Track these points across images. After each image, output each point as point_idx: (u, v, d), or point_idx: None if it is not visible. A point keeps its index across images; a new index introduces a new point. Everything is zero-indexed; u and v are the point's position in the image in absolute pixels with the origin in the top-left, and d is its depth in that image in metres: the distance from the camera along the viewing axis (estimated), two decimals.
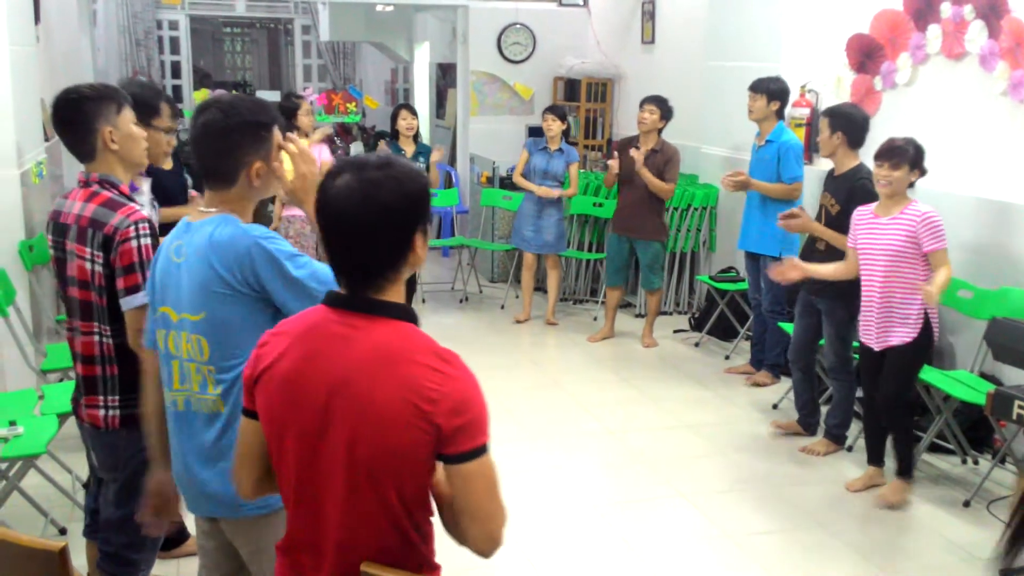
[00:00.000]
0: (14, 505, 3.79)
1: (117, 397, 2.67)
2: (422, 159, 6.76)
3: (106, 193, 2.62)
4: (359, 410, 1.67)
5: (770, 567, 3.76)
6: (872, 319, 4.16)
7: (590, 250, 7.50)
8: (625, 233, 6.47)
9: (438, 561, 1.83)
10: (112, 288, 2.59)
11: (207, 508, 2.29)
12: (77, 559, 3.27)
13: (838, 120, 4.61)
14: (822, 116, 4.73)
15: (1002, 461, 4.47)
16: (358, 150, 10.19)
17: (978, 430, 4.76)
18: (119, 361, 2.66)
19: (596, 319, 7.11)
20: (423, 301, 7.62)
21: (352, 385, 1.68)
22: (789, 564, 3.79)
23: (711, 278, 6.70)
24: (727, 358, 6.36)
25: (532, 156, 6.86)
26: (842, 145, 4.61)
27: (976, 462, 4.72)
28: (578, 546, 3.92)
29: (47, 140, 5.86)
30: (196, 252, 2.18)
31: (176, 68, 13.53)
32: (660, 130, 6.30)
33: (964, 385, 4.45)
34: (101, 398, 2.67)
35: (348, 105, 9.92)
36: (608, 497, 4.36)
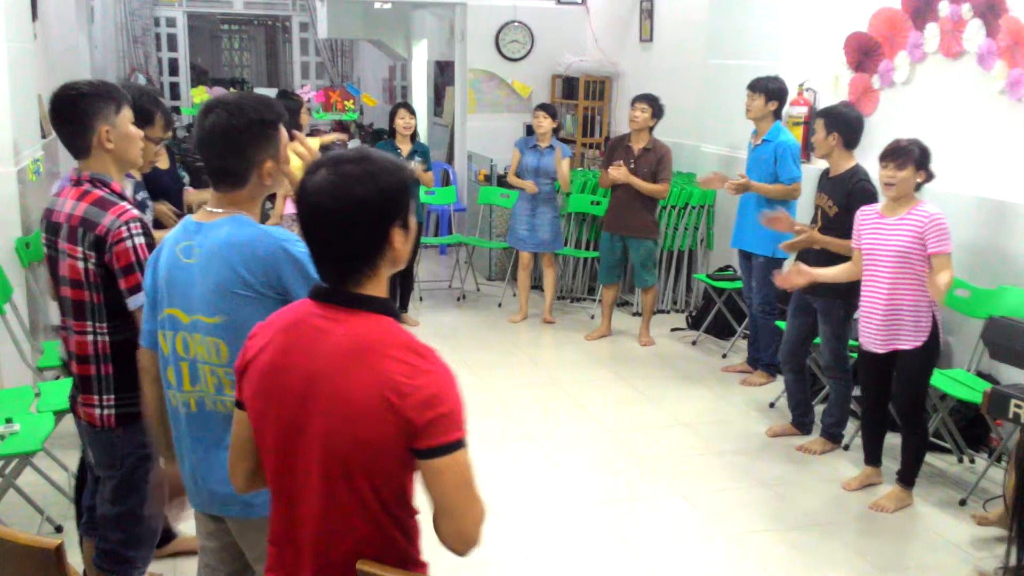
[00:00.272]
0: (10, 502, 3.79)
1: (113, 396, 2.66)
2: (419, 158, 6.75)
3: (97, 192, 2.61)
4: (333, 403, 1.67)
5: (767, 565, 3.76)
6: (876, 322, 4.10)
7: (587, 248, 7.50)
8: (617, 231, 6.47)
9: (426, 559, 1.83)
10: (108, 285, 2.58)
11: (217, 507, 2.26)
12: (73, 556, 3.27)
13: (833, 121, 4.58)
14: (817, 117, 4.72)
15: (998, 460, 4.47)
16: None
17: (975, 429, 4.76)
18: (115, 359, 2.65)
19: (593, 317, 7.11)
20: (420, 299, 7.62)
21: (326, 378, 1.68)
22: (786, 562, 3.80)
23: (708, 277, 6.71)
24: (724, 356, 6.36)
25: (524, 154, 6.86)
26: (838, 146, 4.58)
27: (972, 461, 4.73)
28: (575, 544, 3.92)
29: (44, 137, 5.84)
30: (212, 253, 2.13)
31: (174, 65, 13.53)
32: (651, 128, 6.30)
33: (961, 384, 4.46)
34: (96, 397, 2.67)
35: (346, 103, 9.91)
36: (605, 495, 4.36)
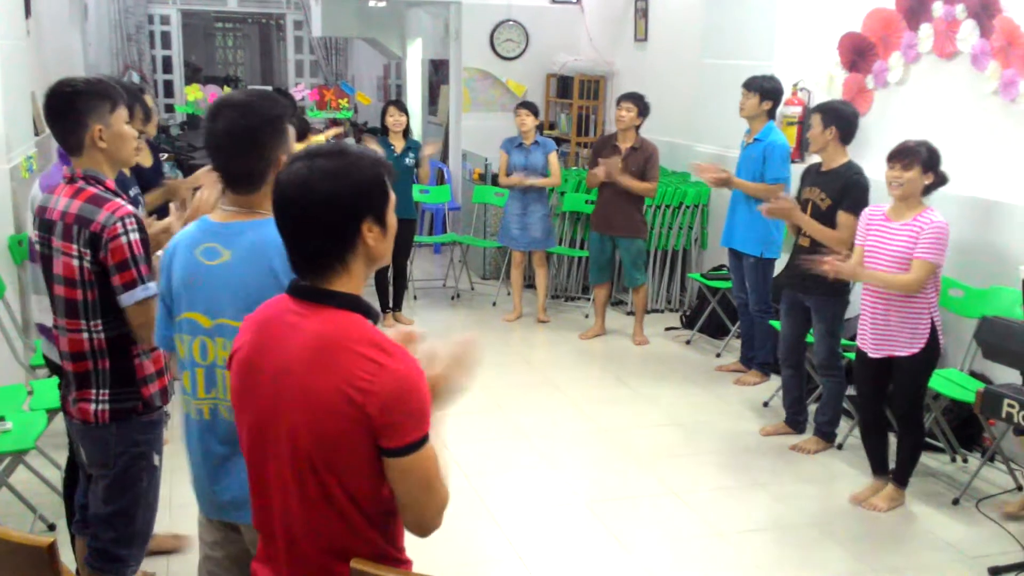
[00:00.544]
0: (2, 501, 3.78)
1: (108, 391, 2.66)
2: (412, 155, 6.74)
3: (91, 189, 2.60)
4: (298, 398, 1.67)
5: (760, 564, 3.77)
6: (872, 324, 4.10)
7: (582, 247, 7.50)
8: (606, 231, 6.47)
9: (412, 556, 1.83)
10: (103, 283, 2.57)
11: (233, 514, 2.22)
12: (65, 554, 3.26)
13: (830, 115, 4.62)
14: (813, 112, 4.73)
15: (991, 459, 4.49)
16: None
17: (968, 428, 4.78)
18: (111, 355, 2.65)
19: (587, 316, 7.11)
20: (415, 298, 7.62)
21: (292, 373, 1.68)
22: (779, 562, 3.80)
23: (702, 276, 6.71)
24: (718, 356, 6.37)
25: (510, 155, 6.85)
26: (834, 140, 4.61)
27: (965, 460, 4.74)
28: (569, 544, 3.92)
29: (37, 135, 5.83)
30: (244, 255, 2.08)
31: (167, 63, 13.50)
32: (638, 127, 6.30)
33: (954, 383, 4.47)
34: (94, 391, 2.66)
35: (340, 101, 9.91)
36: (600, 495, 4.36)
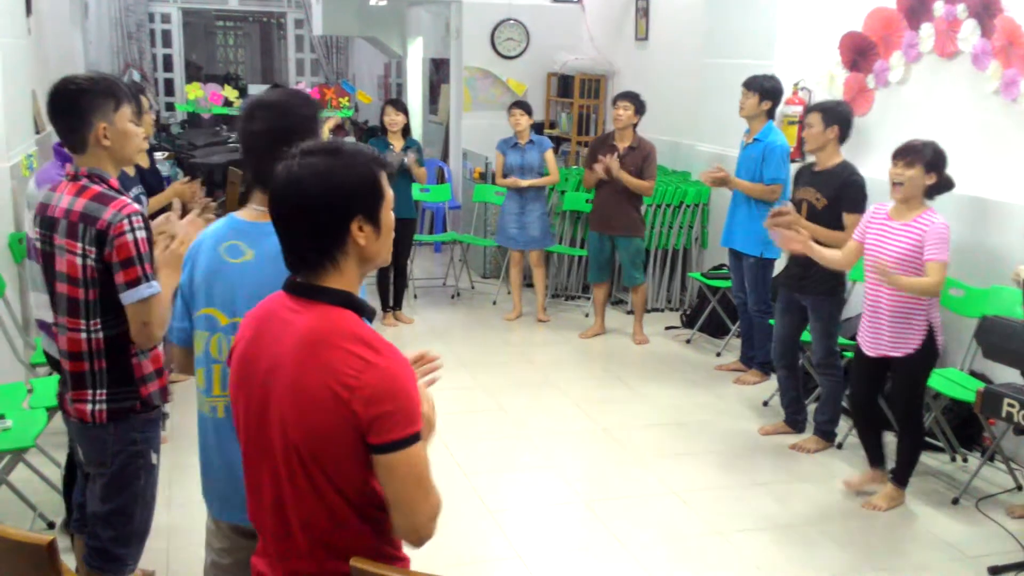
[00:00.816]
0: (2, 499, 3.78)
1: (105, 391, 2.65)
2: (411, 153, 6.73)
3: (96, 187, 2.59)
4: (287, 394, 1.68)
5: (760, 564, 3.76)
6: (872, 322, 4.11)
7: (582, 246, 7.49)
8: (604, 231, 6.47)
9: (420, 557, 1.82)
10: (105, 281, 2.57)
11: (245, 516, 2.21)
12: (65, 553, 3.26)
13: (832, 115, 4.63)
14: (812, 111, 4.73)
15: (991, 459, 4.49)
16: None
17: (968, 428, 4.77)
18: (108, 355, 2.64)
19: (588, 315, 7.11)
20: (415, 297, 7.62)
21: (281, 369, 1.69)
22: (779, 561, 3.80)
23: (703, 275, 6.71)
24: (718, 355, 6.37)
25: (506, 155, 6.85)
26: (834, 140, 4.63)
27: (965, 459, 4.74)
28: (569, 543, 3.93)
29: (38, 133, 5.83)
30: (267, 257, 2.06)
31: (168, 61, 13.50)
32: (635, 125, 6.30)
33: (954, 383, 4.46)
34: (90, 392, 2.65)
35: (341, 100, 9.89)
36: (599, 494, 4.36)
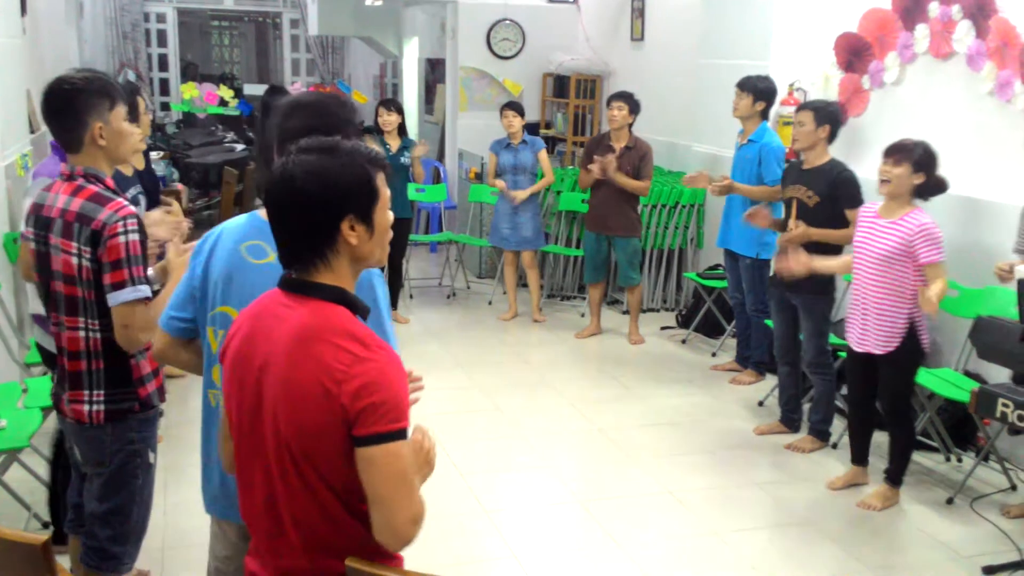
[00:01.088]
0: None
1: (103, 392, 2.65)
2: (407, 154, 6.74)
3: (92, 187, 2.58)
4: (280, 389, 1.68)
5: (756, 564, 3.77)
6: (858, 320, 4.16)
7: (577, 247, 7.49)
8: (601, 231, 6.47)
9: (416, 557, 1.82)
10: (100, 281, 2.56)
11: None
12: (60, 553, 3.25)
13: (824, 114, 4.68)
14: (804, 110, 4.75)
15: (986, 459, 4.50)
16: None
17: (962, 428, 4.79)
18: (105, 355, 2.64)
19: (583, 315, 7.11)
20: (411, 297, 7.61)
21: (273, 365, 1.70)
22: (775, 561, 3.81)
23: (698, 275, 6.72)
24: (714, 355, 6.38)
25: (499, 156, 6.85)
26: (826, 138, 4.68)
27: (960, 460, 4.75)
28: (565, 543, 3.93)
29: (32, 132, 5.82)
30: None
31: (163, 61, 13.48)
32: (631, 125, 6.30)
33: (948, 383, 4.48)
34: (86, 393, 2.65)
35: None
36: (595, 493, 4.37)
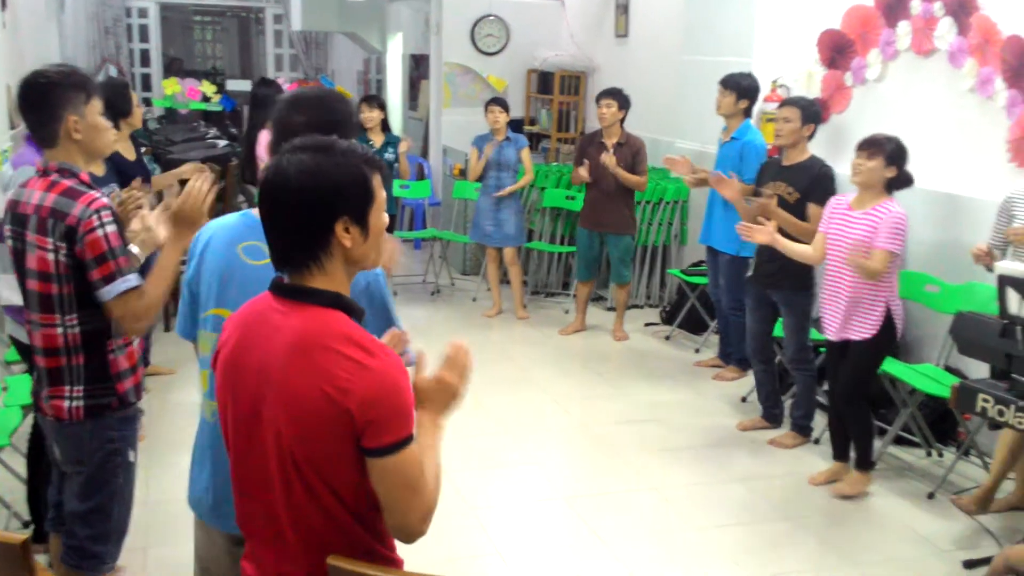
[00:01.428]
0: None
1: (82, 387, 2.63)
2: (391, 150, 6.72)
3: (65, 182, 2.57)
4: (279, 398, 1.65)
5: (738, 559, 3.79)
6: (834, 309, 4.22)
7: (561, 243, 7.50)
8: (596, 228, 6.47)
9: (401, 555, 1.82)
10: (79, 276, 2.54)
11: None
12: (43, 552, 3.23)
13: (810, 113, 4.75)
14: (790, 106, 4.77)
15: (966, 454, 4.53)
16: None
17: (943, 423, 4.82)
18: (85, 350, 2.62)
19: (567, 312, 7.12)
20: (395, 294, 7.60)
21: (273, 372, 1.66)
22: (757, 556, 3.82)
23: (682, 272, 6.73)
24: (697, 351, 6.39)
25: (482, 151, 6.84)
26: (808, 136, 4.73)
27: (941, 454, 4.78)
28: (549, 540, 3.93)
29: (12, 128, 5.77)
30: None
31: (145, 56, 13.39)
32: (622, 121, 6.31)
33: (929, 378, 4.50)
34: (67, 388, 2.63)
35: None
36: (578, 490, 4.37)
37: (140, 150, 5.13)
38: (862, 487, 4.31)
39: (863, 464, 4.31)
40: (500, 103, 6.79)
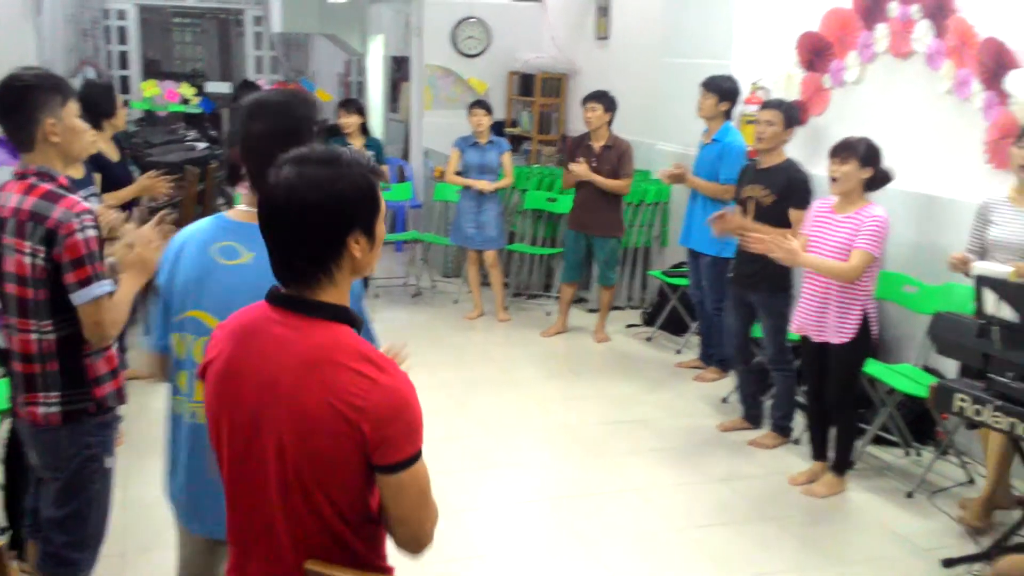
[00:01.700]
0: None
1: (58, 393, 2.61)
2: (371, 152, 6.70)
3: (44, 186, 2.55)
4: (286, 413, 1.63)
5: (719, 560, 3.80)
6: (811, 311, 4.24)
7: (543, 245, 7.51)
8: (583, 230, 6.48)
9: (391, 563, 1.82)
10: (54, 281, 2.53)
11: (220, 530, 2.05)
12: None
13: (794, 117, 4.81)
14: (773, 109, 4.80)
15: (944, 453, 4.56)
16: None
17: (921, 423, 4.85)
18: (60, 356, 2.60)
19: (549, 314, 7.12)
20: (376, 296, 7.58)
21: (279, 387, 1.64)
22: (738, 556, 3.83)
23: (663, 273, 6.75)
24: (679, 352, 6.41)
25: (464, 153, 6.84)
26: (789, 140, 4.76)
27: (919, 454, 4.81)
28: (531, 541, 3.93)
29: None
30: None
31: (124, 58, 13.30)
32: (609, 123, 6.31)
33: (907, 378, 4.53)
34: (42, 395, 2.61)
35: None
36: (560, 492, 4.37)
37: (125, 151, 5.10)
38: (836, 489, 4.33)
39: (841, 466, 4.34)
40: (483, 106, 6.79)
